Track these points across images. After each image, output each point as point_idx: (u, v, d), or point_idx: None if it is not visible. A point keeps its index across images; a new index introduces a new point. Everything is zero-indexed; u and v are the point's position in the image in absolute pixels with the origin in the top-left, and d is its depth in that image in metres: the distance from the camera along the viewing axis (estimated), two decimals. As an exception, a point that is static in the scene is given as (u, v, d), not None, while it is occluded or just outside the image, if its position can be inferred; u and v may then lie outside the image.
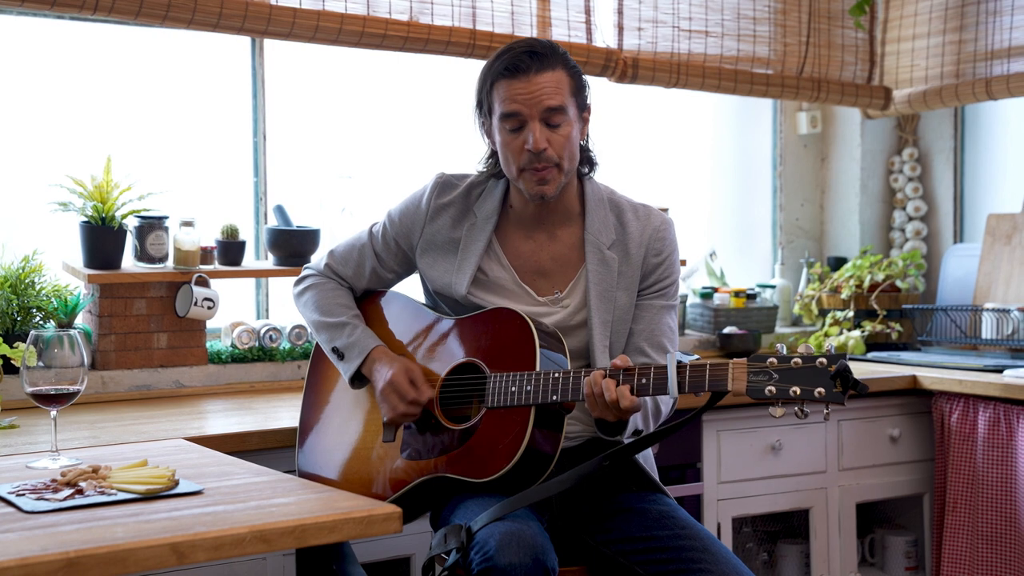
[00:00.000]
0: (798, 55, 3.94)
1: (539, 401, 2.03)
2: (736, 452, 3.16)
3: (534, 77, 2.11)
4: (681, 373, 1.92)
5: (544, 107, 2.12)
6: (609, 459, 2.00)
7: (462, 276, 2.24)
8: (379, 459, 2.21)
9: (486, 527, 1.93)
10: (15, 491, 1.76)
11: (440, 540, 1.98)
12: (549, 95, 2.12)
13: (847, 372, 1.82)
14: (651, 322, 2.23)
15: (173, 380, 2.99)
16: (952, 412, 3.31)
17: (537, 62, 2.12)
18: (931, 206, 4.25)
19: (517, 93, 2.12)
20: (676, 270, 2.28)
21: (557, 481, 2.01)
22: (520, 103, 2.12)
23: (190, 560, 1.53)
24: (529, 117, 2.12)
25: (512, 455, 2.02)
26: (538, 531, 1.95)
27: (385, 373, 2.18)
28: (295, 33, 3.03)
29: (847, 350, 3.77)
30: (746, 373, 1.88)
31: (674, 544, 2.05)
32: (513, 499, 1.98)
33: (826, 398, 1.83)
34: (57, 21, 2.99)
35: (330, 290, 2.35)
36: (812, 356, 1.85)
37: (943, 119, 4.22)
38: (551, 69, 2.13)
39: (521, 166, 2.15)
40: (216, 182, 3.27)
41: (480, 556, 1.90)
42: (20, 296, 2.77)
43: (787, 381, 1.85)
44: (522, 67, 2.12)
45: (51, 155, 3.01)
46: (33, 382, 1.96)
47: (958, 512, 3.28)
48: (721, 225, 4.22)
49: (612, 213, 2.26)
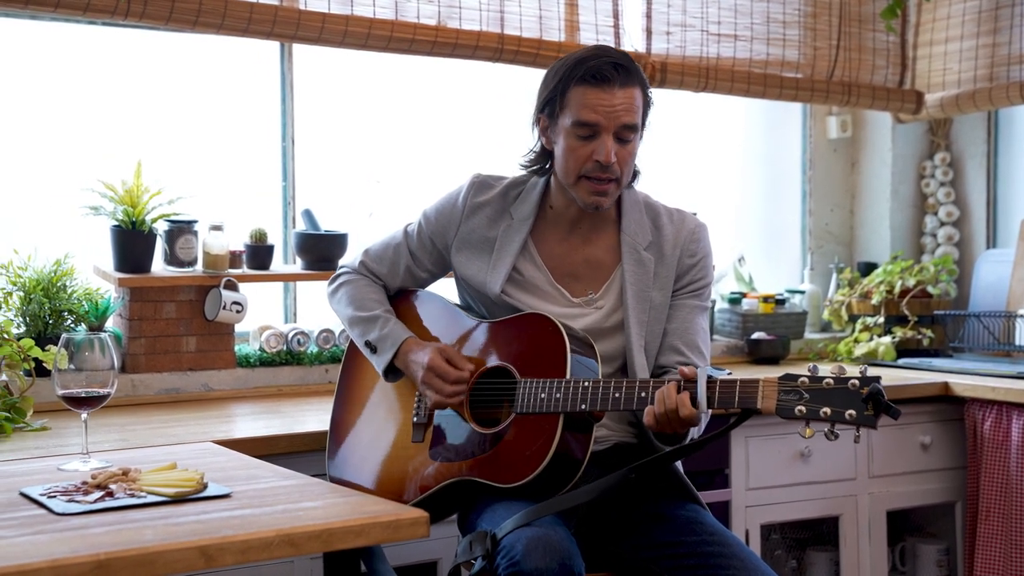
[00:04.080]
0: (828, 59, 3.91)
1: (568, 409, 2.02)
2: (764, 458, 3.14)
3: (618, 91, 2.11)
4: (711, 389, 1.92)
5: (622, 123, 2.13)
6: (635, 471, 2.00)
7: (496, 275, 2.24)
8: (407, 460, 2.21)
9: (512, 532, 1.92)
10: (46, 493, 1.77)
11: (466, 547, 1.98)
12: (628, 112, 2.13)
13: (880, 395, 1.81)
14: (685, 321, 2.23)
15: (202, 383, 3.00)
16: (985, 419, 3.28)
17: (622, 76, 2.12)
18: (963, 211, 4.21)
19: (599, 103, 2.11)
20: (710, 272, 2.29)
21: (584, 491, 2.01)
22: (600, 114, 2.11)
23: (218, 563, 1.53)
24: (604, 129, 2.12)
25: (539, 462, 2.02)
26: (565, 536, 1.94)
27: (422, 359, 2.18)
28: (324, 38, 3.04)
29: (877, 356, 3.73)
30: (776, 391, 1.88)
31: (702, 550, 2.04)
32: (539, 506, 1.97)
33: (857, 421, 1.82)
34: (89, 27, 3.02)
35: (364, 286, 2.36)
36: (844, 377, 1.84)
37: (976, 123, 4.18)
38: (632, 86, 2.13)
39: (583, 174, 2.15)
40: (245, 186, 3.29)
41: (507, 561, 1.89)
42: (52, 299, 2.79)
43: (818, 401, 1.84)
44: (608, 78, 2.10)
45: (82, 160, 3.03)
46: (64, 385, 1.97)
47: (991, 520, 3.25)
48: (750, 230, 4.19)
49: (648, 216, 2.27)
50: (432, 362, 2.16)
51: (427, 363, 2.16)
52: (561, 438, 2.02)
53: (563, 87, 2.14)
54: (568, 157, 2.16)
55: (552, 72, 2.18)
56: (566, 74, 2.14)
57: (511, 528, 1.93)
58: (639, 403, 2.00)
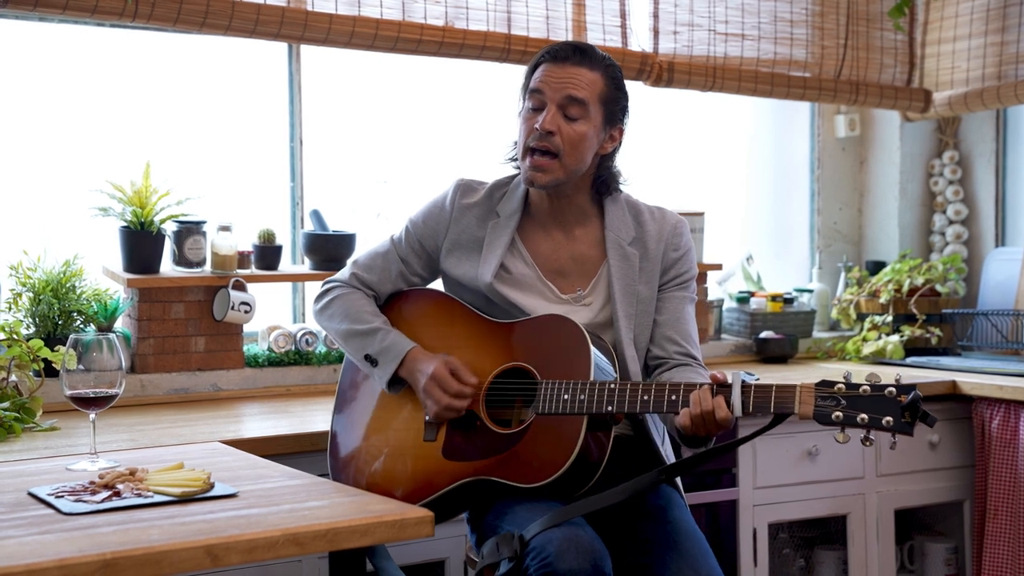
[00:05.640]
0: (836, 57, 3.91)
1: (593, 411, 2.04)
2: (772, 457, 3.14)
3: (570, 67, 2.19)
4: (746, 394, 1.94)
5: (567, 94, 2.18)
6: (665, 473, 2.02)
7: (487, 267, 2.25)
8: (419, 459, 2.19)
9: (541, 534, 1.93)
10: (54, 493, 1.79)
11: (492, 549, 1.98)
12: (576, 86, 2.18)
13: (918, 403, 1.83)
14: (675, 312, 2.26)
15: (210, 383, 3.01)
16: (993, 418, 3.27)
17: (578, 56, 2.20)
18: (972, 209, 4.20)
19: (549, 75, 2.19)
20: (694, 265, 2.33)
21: (614, 492, 2.02)
22: (547, 84, 2.19)
23: (224, 562, 1.55)
24: (550, 99, 2.18)
25: (563, 463, 2.02)
26: (594, 536, 1.96)
27: (426, 368, 2.17)
28: (331, 39, 3.05)
29: (885, 355, 3.73)
30: (813, 397, 1.90)
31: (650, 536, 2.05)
32: (569, 508, 1.98)
33: (894, 427, 1.84)
34: (97, 28, 3.03)
35: (356, 299, 2.32)
36: (881, 384, 1.87)
37: (984, 121, 4.17)
38: (589, 68, 2.20)
39: (527, 144, 2.20)
40: (253, 187, 3.30)
41: (538, 562, 1.90)
42: (61, 300, 2.81)
43: (855, 408, 1.86)
44: (562, 55, 2.20)
45: (91, 161, 3.05)
46: (72, 385, 1.99)
47: (999, 519, 3.24)
48: (758, 229, 4.19)
49: (630, 214, 2.30)
50: (437, 372, 2.15)
51: (432, 372, 2.16)
52: (584, 440, 2.03)
53: (531, 71, 2.24)
54: (519, 130, 2.24)
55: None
56: (535, 60, 2.24)
57: (540, 529, 1.94)
58: (669, 406, 2.01)
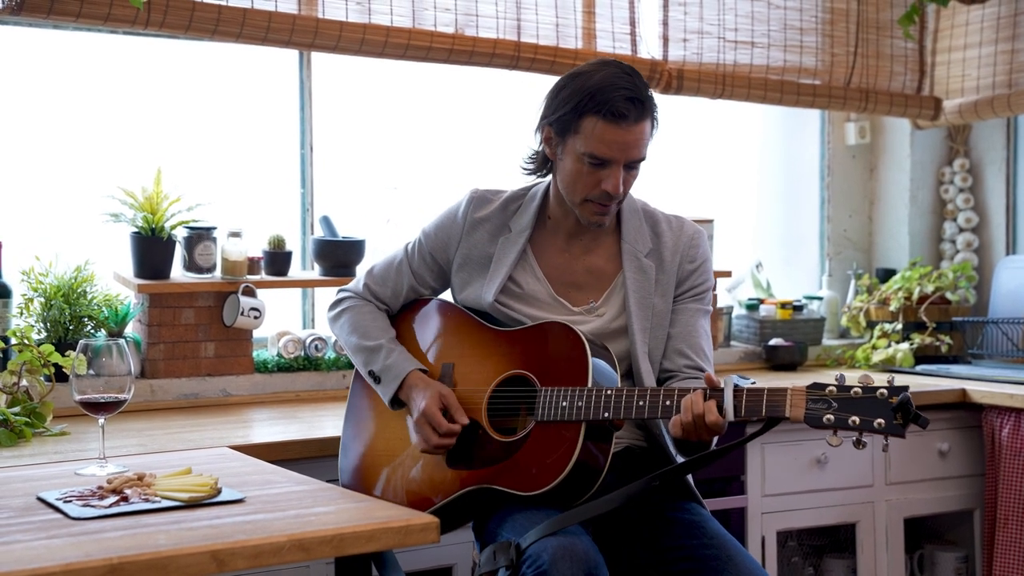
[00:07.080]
0: (846, 65, 3.91)
1: (591, 417, 2.03)
2: (781, 465, 3.14)
3: (632, 127, 2.11)
4: (738, 397, 1.93)
5: (632, 158, 2.14)
6: (658, 479, 2.01)
7: (491, 287, 2.25)
8: (424, 468, 2.21)
9: (537, 542, 1.93)
10: (62, 497, 1.80)
11: (489, 557, 1.98)
12: (640, 147, 2.14)
13: (909, 404, 1.82)
14: (687, 325, 2.25)
15: (220, 389, 3.03)
16: (1003, 427, 3.26)
17: (636, 111, 2.11)
18: (983, 217, 4.19)
19: (613, 140, 2.11)
20: (710, 277, 2.31)
21: (608, 499, 2.01)
22: (614, 150, 2.12)
23: (230, 568, 1.55)
24: (615, 162, 2.13)
25: (561, 470, 2.02)
26: (589, 545, 1.95)
27: (419, 403, 2.18)
28: (341, 46, 3.06)
29: (895, 363, 3.72)
30: (804, 400, 1.89)
31: (700, 554, 2.05)
32: (565, 515, 1.98)
33: (886, 430, 1.83)
34: (110, 36, 3.05)
35: (366, 313, 2.35)
36: (872, 387, 1.86)
37: (995, 129, 4.16)
38: (645, 120, 2.14)
39: (588, 198, 2.17)
40: (263, 193, 3.31)
41: (533, 570, 1.90)
42: (72, 305, 2.83)
43: (846, 410, 1.86)
44: (623, 115, 2.10)
45: (103, 167, 3.07)
46: (82, 390, 2.00)
47: (1009, 528, 3.23)
48: (768, 236, 4.19)
49: (647, 224, 2.29)
50: (428, 409, 2.15)
51: (423, 408, 2.16)
52: (583, 447, 2.03)
53: (577, 113, 2.12)
54: (576, 180, 2.17)
55: (566, 91, 2.15)
56: (581, 103, 2.12)
57: (536, 538, 1.94)
58: (664, 411, 2.01)
